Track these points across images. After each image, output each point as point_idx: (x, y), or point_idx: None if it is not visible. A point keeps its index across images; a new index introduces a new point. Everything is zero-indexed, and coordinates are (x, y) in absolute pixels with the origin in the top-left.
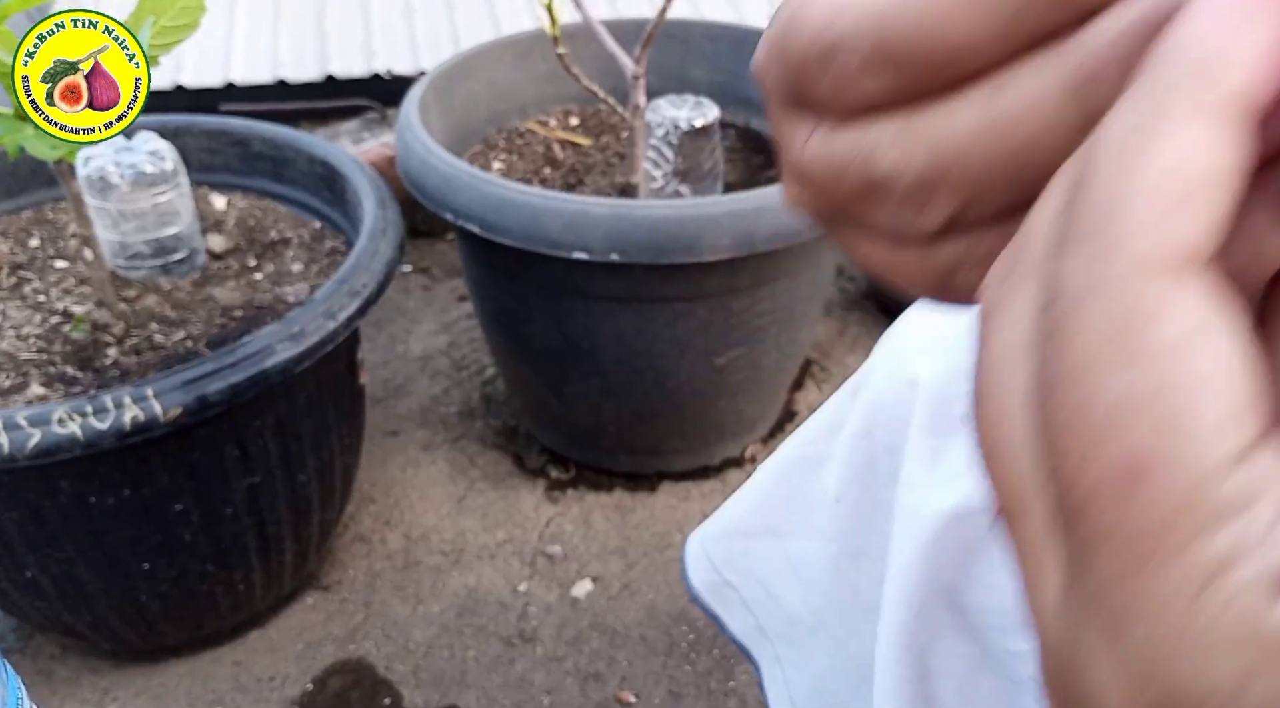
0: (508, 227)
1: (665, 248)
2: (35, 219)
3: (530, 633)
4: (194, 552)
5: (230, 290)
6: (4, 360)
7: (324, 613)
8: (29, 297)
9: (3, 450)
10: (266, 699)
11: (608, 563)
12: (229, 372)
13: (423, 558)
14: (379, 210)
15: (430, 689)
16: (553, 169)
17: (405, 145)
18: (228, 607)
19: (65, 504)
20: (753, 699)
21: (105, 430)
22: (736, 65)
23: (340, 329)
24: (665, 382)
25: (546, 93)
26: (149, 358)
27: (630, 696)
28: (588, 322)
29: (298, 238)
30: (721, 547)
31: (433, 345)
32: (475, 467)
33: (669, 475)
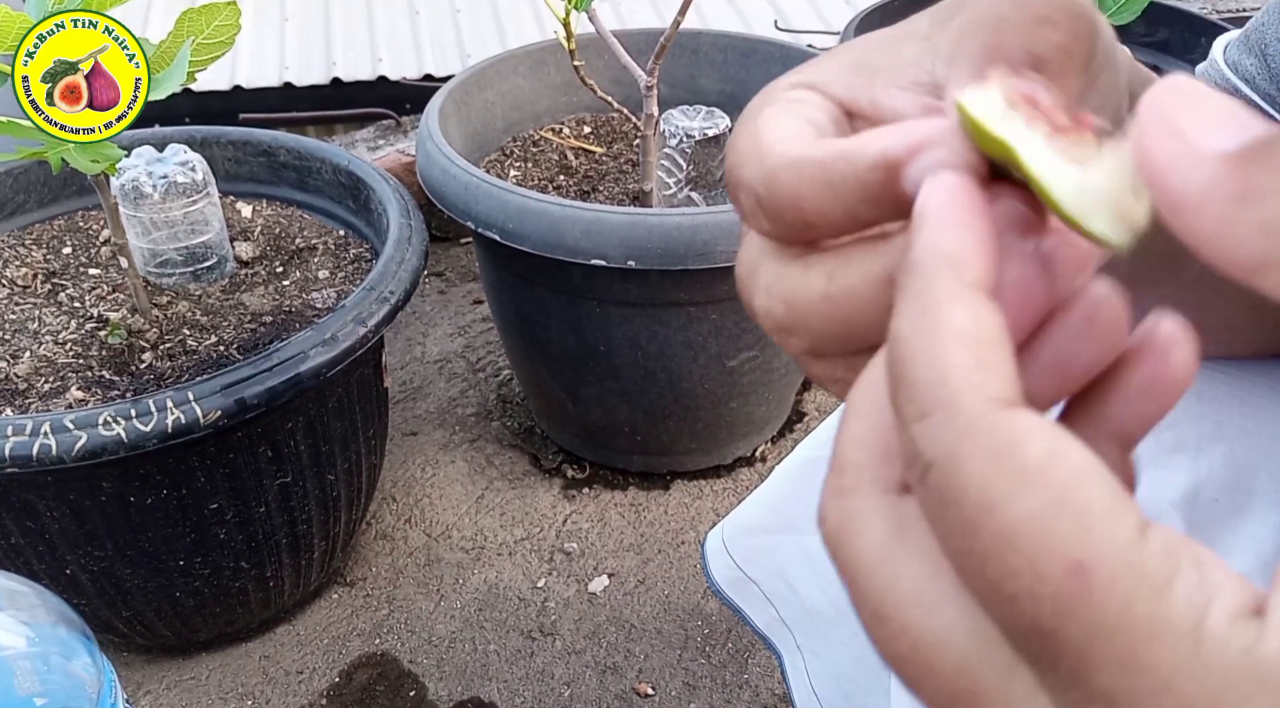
0: (527, 234)
1: (679, 254)
2: (67, 227)
3: (549, 627)
4: (228, 549)
5: (259, 297)
6: (43, 365)
7: (349, 608)
8: (64, 303)
9: (51, 452)
10: (295, 692)
11: (623, 559)
12: (266, 376)
13: (444, 555)
14: (404, 219)
15: (453, 682)
16: (567, 177)
17: (426, 155)
18: (258, 602)
19: (106, 504)
20: (765, 691)
21: (148, 433)
22: (745, 74)
23: (370, 334)
24: (678, 383)
25: (560, 102)
26: (183, 362)
27: (648, 687)
28: (604, 326)
29: (323, 245)
30: (742, 543)
31: (449, 348)
32: (493, 466)
33: (682, 474)
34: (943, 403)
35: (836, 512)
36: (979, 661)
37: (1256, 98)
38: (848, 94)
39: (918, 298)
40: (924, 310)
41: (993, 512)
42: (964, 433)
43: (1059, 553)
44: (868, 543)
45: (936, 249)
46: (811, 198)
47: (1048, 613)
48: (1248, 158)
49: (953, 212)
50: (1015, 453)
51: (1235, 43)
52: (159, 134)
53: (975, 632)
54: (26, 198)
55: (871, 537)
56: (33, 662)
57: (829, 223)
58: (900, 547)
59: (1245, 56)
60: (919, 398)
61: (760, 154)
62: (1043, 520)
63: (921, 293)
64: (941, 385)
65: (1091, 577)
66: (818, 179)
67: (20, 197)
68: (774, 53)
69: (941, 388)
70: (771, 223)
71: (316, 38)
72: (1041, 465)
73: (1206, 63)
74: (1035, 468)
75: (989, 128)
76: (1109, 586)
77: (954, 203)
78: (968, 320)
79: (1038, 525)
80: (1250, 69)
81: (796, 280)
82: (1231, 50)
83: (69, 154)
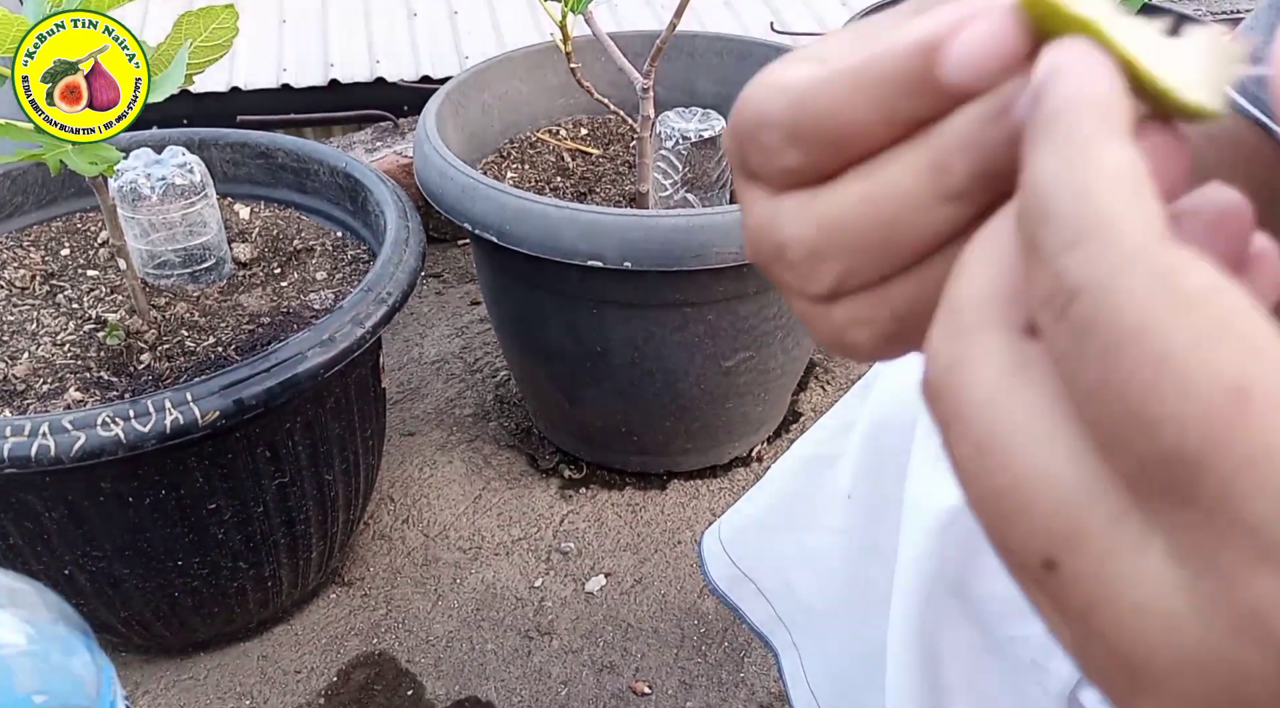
0: (525, 236)
1: (676, 255)
2: (65, 229)
3: (547, 626)
4: (226, 549)
5: (257, 298)
6: (41, 366)
7: (347, 608)
8: (62, 304)
9: (49, 452)
10: (293, 692)
11: (620, 559)
12: (264, 377)
13: (441, 555)
14: (401, 220)
15: (451, 681)
16: (564, 178)
17: (424, 157)
18: (256, 602)
19: (105, 504)
20: (762, 689)
21: (147, 433)
22: (740, 76)
23: (367, 335)
24: (675, 384)
25: (556, 104)
26: (181, 363)
27: (644, 686)
28: (600, 326)
29: (321, 247)
30: (739, 542)
31: (446, 349)
32: (490, 467)
33: (678, 474)
34: (1099, 231)
35: (949, 352)
36: (1087, 502)
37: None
38: None
39: (1064, 140)
40: (1075, 149)
41: (1147, 333)
42: (1123, 260)
43: (1220, 375)
44: (983, 377)
45: (1083, 94)
46: (848, 108)
47: (1195, 439)
48: None
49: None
50: (1178, 279)
51: None
52: (157, 136)
53: (1090, 471)
54: (25, 200)
55: (988, 371)
56: (33, 660)
57: (867, 133)
58: (1020, 380)
59: None
60: (1068, 228)
61: (784, 85)
62: (1204, 343)
63: (1068, 136)
64: (1097, 215)
65: (1252, 402)
66: (851, 86)
67: (18, 198)
68: (770, 55)
69: (1098, 217)
70: (804, 151)
71: (314, 40)
72: (1204, 293)
73: None
74: (1198, 295)
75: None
76: (1270, 411)
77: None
78: (1123, 158)
79: (1198, 347)
80: None
81: (829, 197)
82: None
83: (67, 156)
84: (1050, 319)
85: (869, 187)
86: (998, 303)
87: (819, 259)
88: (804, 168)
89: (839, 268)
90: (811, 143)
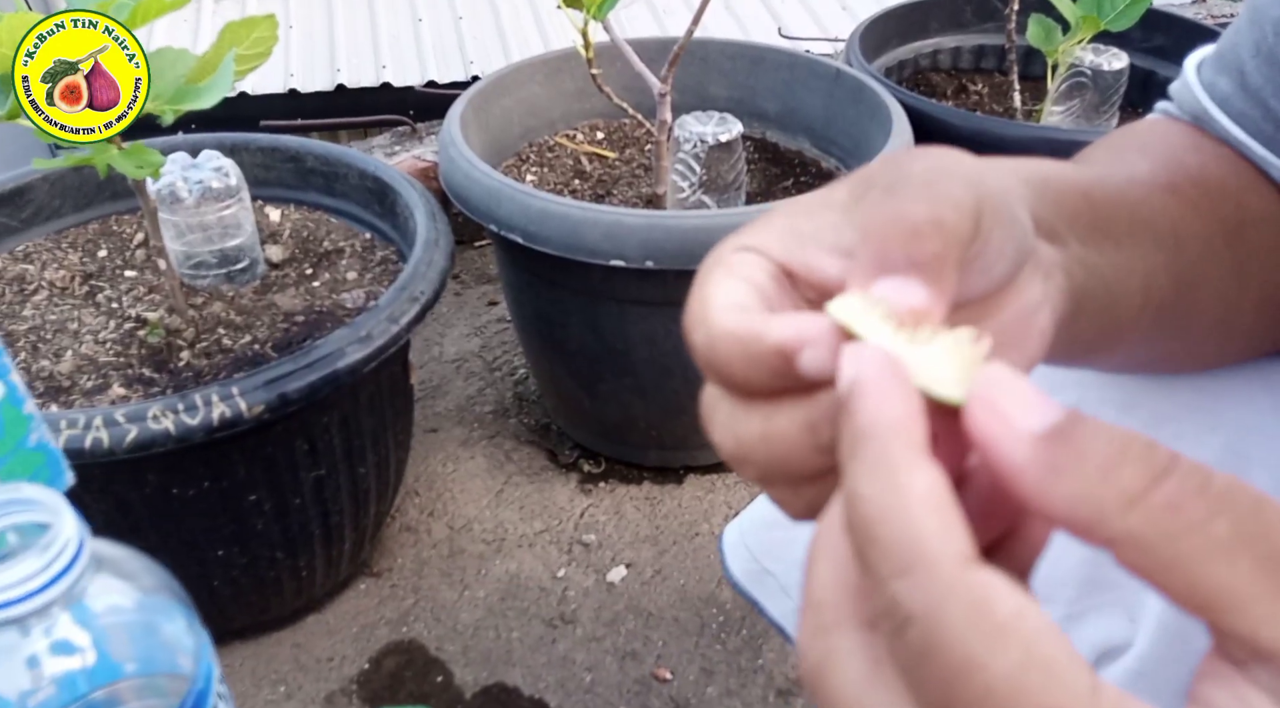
0: (548, 236)
1: (696, 255)
2: (101, 231)
3: (570, 615)
4: (265, 540)
5: (291, 297)
6: (85, 364)
7: (376, 598)
8: (102, 304)
9: (102, 445)
10: (327, 678)
11: (640, 550)
12: (306, 372)
13: (466, 546)
14: (430, 222)
15: (479, 668)
16: (581, 181)
17: (449, 160)
18: (291, 592)
19: (151, 496)
20: (780, 676)
21: (195, 426)
22: (752, 81)
23: (402, 332)
24: (693, 380)
25: (574, 108)
26: (219, 360)
27: (666, 672)
28: (621, 324)
29: (350, 248)
30: (759, 537)
31: (466, 348)
32: (511, 462)
33: (695, 469)
34: (921, 563)
35: (817, 650)
36: None
37: (1227, 122)
38: (785, 256)
39: (875, 463)
40: (886, 475)
41: (973, 666)
42: (945, 592)
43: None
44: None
45: (883, 418)
46: (739, 366)
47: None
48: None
49: (888, 384)
50: (991, 610)
51: (1209, 61)
52: (191, 141)
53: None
54: (62, 203)
55: (851, 672)
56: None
57: (756, 385)
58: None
59: (1220, 77)
60: (895, 556)
61: (706, 320)
62: (1016, 674)
63: (878, 460)
64: (917, 545)
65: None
66: (739, 353)
67: (56, 201)
68: (782, 60)
69: (917, 547)
70: (715, 381)
71: (320, 45)
72: (1012, 623)
73: (1179, 82)
74: (1008, 626)
75: (850, 327)
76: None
77: (887, 376)
78: (928, 485)
79: (1014, 680)
80: (1224, 89)
81: (742, 421)
82: (1206, 70)
83: (114, 159)
84: (890, 633)
85: (766, 427)
86: (846, 602)
87: (740, 463)
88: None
89: (755, 473)
90: (718, 379)
